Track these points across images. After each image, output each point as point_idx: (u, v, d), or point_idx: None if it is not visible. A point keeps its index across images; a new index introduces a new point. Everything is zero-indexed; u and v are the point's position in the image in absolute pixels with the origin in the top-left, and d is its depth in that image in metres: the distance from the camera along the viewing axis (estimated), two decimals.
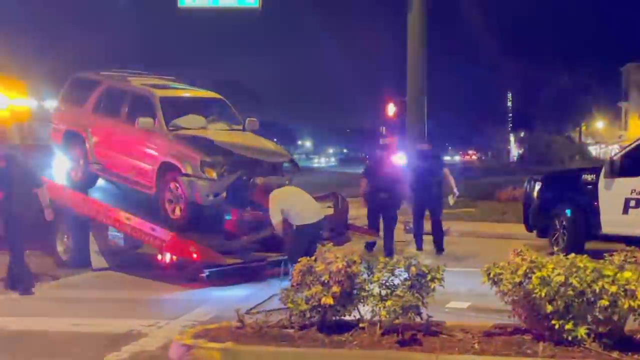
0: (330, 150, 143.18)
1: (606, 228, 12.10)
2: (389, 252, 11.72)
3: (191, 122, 11.61)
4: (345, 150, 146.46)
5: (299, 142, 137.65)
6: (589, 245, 12.26)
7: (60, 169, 13.22)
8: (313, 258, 7.05)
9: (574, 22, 73.93)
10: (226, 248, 10.60)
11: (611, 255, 6.47)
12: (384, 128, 29.72)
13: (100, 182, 12.86)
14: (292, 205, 9.78)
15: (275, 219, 9.74)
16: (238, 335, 6.90)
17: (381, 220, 12.77)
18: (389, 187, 12.57)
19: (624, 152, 12.46)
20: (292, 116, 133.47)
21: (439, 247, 13.28)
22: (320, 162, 79.18)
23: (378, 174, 12.79)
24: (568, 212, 12.54)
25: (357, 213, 17.03)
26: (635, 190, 11.69)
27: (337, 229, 11.40)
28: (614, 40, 53.44)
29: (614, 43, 55.25)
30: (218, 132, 11.51)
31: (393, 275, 6.81)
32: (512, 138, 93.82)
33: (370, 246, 12.55)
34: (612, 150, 51.59)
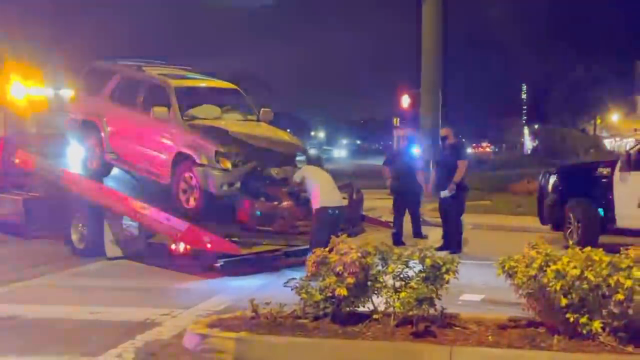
0: (344, 142, 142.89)
1: (621, 222, 12.04)
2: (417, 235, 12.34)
3: (206, 112, 11.65)
4: (358, 142, 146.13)
5: (312, 133, 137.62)
6: (604, 239, 12.20)
7: (75, 158, 13.30)
8: (327, 249, 7.04)
9: (590, 14, 73.34)
10: (240, 238, 10.60)
11: (627, 249, 6.41)
12: (397, 119, 29.73)
13: (115, 171, 12.92)
14: (317, 180, 10.25)
15: (296, 179, 10.49)
16: (252, 325, 6.91)
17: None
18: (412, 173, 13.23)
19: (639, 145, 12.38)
20: (305, 107, 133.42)
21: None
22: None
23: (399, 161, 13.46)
24: (583, 205, 12.47)
25: (373, 205, 17.05)
26: None
27: (352, 220, 11.38)
28: (630, 33, 52.97)
29: (629, 36, 54.74)
30: (233, 123, 11.55)
31: (407, 267, 6.80)
32: (526, 131, 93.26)
33: (397, 238, 12.59)
34: (627, 144, 51.20)
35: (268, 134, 11.52)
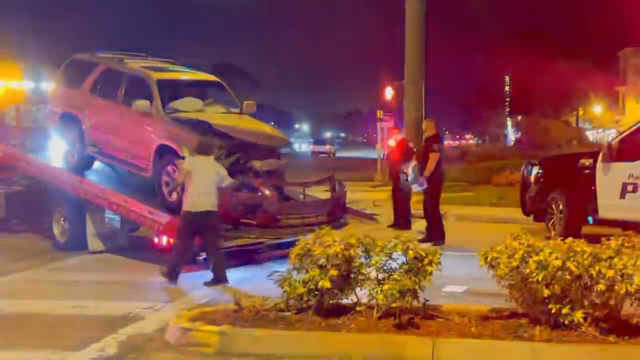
0: (328, 135, 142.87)
1: (603, 212, 12.09)
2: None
3: (188, 105, 11.59)
4: (342, 135, 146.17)
5: (296, 126, 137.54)
6: (586, 229, 12.27)
7: (56, 151, 13.19)
8: (311, 241, 7.03)
9: (572, 6, 73.67)
10: (225, 230, 10.54)
11: (608, 240, 6.45)
12: (381, 112, 29.72)
13: (98, 164, 12.83)
14: (196, 179, 9.52)
15: (184, 172, 9.65)
16: (235, 318, 6.90)
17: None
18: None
19: (621, 136, 12.45)
20: (289, 100, 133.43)
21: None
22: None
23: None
24: (565, 196, 12.54)
25: (355, 197, 17.07)
26: (632, 174, 11.68)
27: (335, 213, 11.37)
28: (612, 24, 53.26)
29: (611, 27, 55.03)
30: (215, 115, 11.49)
31: (390, 259, 6.81)
32: (509, 122, 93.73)
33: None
34: (610, 135, 51.58)
35: (251, 126, 11.48)
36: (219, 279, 9.47)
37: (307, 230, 9.51)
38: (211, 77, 12.86)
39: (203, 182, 9.51)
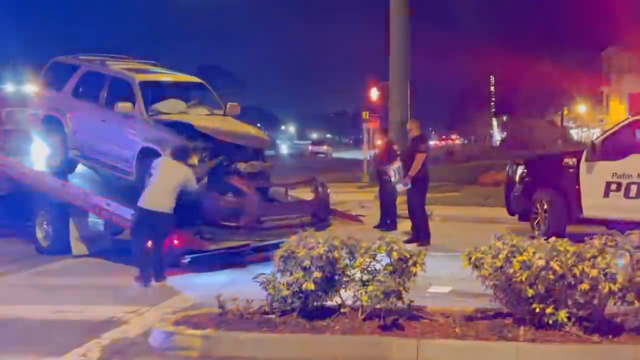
0: (314, 135, 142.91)
1: (587, 211, 12.15)
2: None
3: (171, 107, 11.55)
4: (328, 135, 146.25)
5: (283, 127, 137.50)
6: (571, 228, 12.32)
7: (39, 154, 13.08)
8: (295, 243, 7.00)
9: (556, 6, 74.11)
10: (208, 234, 10.51)
11: (591, 239, 6.46)
12: (367, 113, 29.74)
13: (81, 168, 12.74)
14: (156, 178, 9.75)
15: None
16: (219, 321, 6.86)
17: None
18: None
19: (605, 135, 12.51)
20: (275, 101, 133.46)
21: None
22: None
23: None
24: (549, 196, 12.58)
25: (342, 198, 17.06)
26: (616, 173, 11.74)
27: (319, 215, 11.34)
28: (596, 24, 53.59)
29: (595, 27, 55.36)
30: (199, 117, 11.45)
31: (375, 260, 6.81)
32: (494, 122, 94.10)
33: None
34: (594, 134, 51.87)
35: (235, 128, 11.44)
36: (157, 278, 9.66)
37: (291, 232, 9.50)
38: (194, 79, 12.81)
39: (161, 182, 9.67)
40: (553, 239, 6.46)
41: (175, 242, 10.15)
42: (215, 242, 10.36)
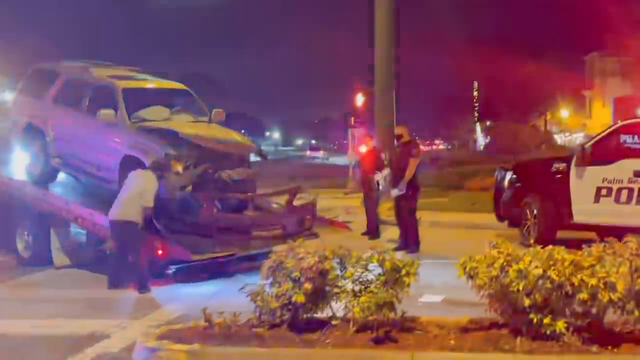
0: (299, 142, 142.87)
1: (578, 217, 12.03)
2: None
3: (155, 114, 11.32)
4: (313, 141, 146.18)
5: (268, 133, 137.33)
6: (561, 234, 12.20)
7: (20, 163, 12.78)
8: (283, 252, 6.78)
9: (539, 10, 74.48)
10: (193, 243, 10.24)
11: (589, 247, 6.28)
12: (353, 118, 29.60)
13: (63, 176, 12.45)
14: (123, 187, 9.94)
15: None
16: (205, 335, 6.60)
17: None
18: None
19: (594, 140, 12.39)
20: (260, 107, 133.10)
21: None
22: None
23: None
24: (539, 201, 12.43)
25: (328, 204, 16.83)
26: (606, 178, 11.63)
27: (302, 224, 11.08)
28: (579, 29, 53.80)
29: (578, 32, 55.59)
30: (183, 124, 11.24)
31: (366, 270, 6.58)
32: (478, 128, 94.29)
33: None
34: (577, 138, 52.03)
35: (220, 135, 11.22)
36: (114, 283, 9.74)
37: (278, 241, 9.29)
38: (179, 85, 12.58)
39: (123, 191, 9.78)
40: (549, 247, 6.26)
41: (159, 252, 9.92)
42: (200, 252, 10.11)
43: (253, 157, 11.96)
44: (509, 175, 13.43)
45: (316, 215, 11.48)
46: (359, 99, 25.64)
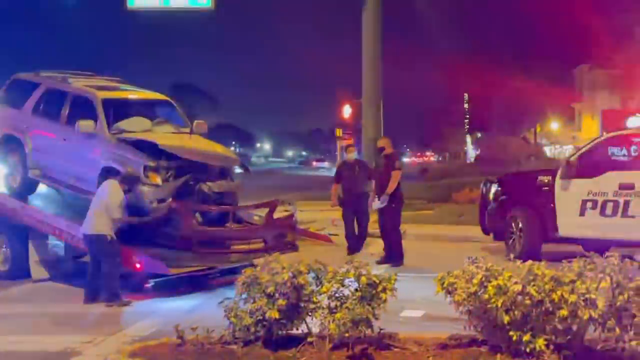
0: (290, 153, 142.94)
1: (563, 230, 11.92)
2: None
3: (135, 125, 11.17)
4: (304, 153, 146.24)
5: (258, 145, 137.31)
6: (546, 247, 12.08)
7: None
8: (259, 267, 6.62)
9: (528, 23, 74.89)
10: (172, 257, 10.07)
11: (569, 262, 6.16)
12: (340, 130, 29.54)
13: (42, 188, 12.27)
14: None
15: None
16: (178, 353, 6.44)
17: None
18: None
19: (580, 153, 12.31)
20: (251, 119, 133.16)
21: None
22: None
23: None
24: (524, 214, 12.33)
25: (313, 216, 16.67)
26: (591, 191, 11.53)
27: (282, 237, 10.91)
28: (568, 42, 54.09)
29: (567, 45, 55.88)
30: (164, 135, 11.08)
31: (342, 285, 6.43)
32: (468, 139, 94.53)
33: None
34: (567, 151, 52.11)
35: (201, 147, 11.07)
36: (90, 297, 9.62)
37: (258, 256, 9.14)
38: (160, 96, 12.43)
39: (93, 204, 9.79)
40: (529, 262, 6.13)
41: (137, 265, 9.75)
42: (179, 266, 9.97)
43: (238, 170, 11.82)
44: (494, 188, 13.31)
45: (296, 227, 11.33)
46: (347, 111, 25.54)
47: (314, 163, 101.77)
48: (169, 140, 10.77)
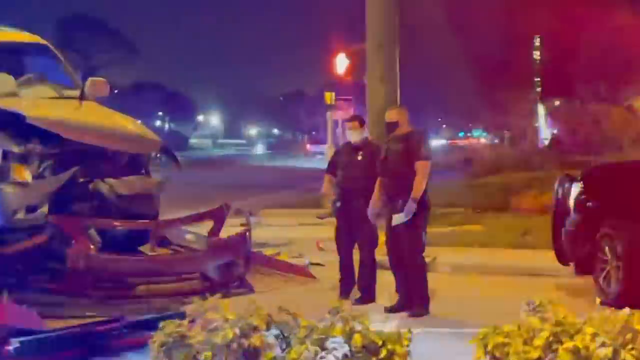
0: (253, 132, 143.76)
1: None
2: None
3: None
4: (276, 131, 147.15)
5: (201, 118, 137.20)
6: None
7: None
8: (186, 321, 6.71)
9: None
10: (52, 303, 10.26)
11: None
12: (331, 94, 29.75)
13: None
14: None
15: None
16: None
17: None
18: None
19: None
20: (191, 78, 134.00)
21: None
22: None
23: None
24: (627, 232, 12.44)
25: (290, 235, 16.74)
26: None
27: (231, 267, 11.07)
28: None
29: None
30: (36, 103, 11.29)
31: (324, 349, 6.44)
32: (541, 110, 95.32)
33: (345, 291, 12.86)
34: None
35: (98, 121, 11.27)
36: None
37: (188, 301, 9.19)
38: (31, 38, 12.65)
39: None
40: (626, 310, 6.24)
41: None
42: (62, 317, 10.05)
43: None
44: (576, 190, 13.38)
45: (254, 254, 11.42)
46: (341, 63, 25.70)
47: (308, 147, 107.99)
48: (44, 110, 10.96)
